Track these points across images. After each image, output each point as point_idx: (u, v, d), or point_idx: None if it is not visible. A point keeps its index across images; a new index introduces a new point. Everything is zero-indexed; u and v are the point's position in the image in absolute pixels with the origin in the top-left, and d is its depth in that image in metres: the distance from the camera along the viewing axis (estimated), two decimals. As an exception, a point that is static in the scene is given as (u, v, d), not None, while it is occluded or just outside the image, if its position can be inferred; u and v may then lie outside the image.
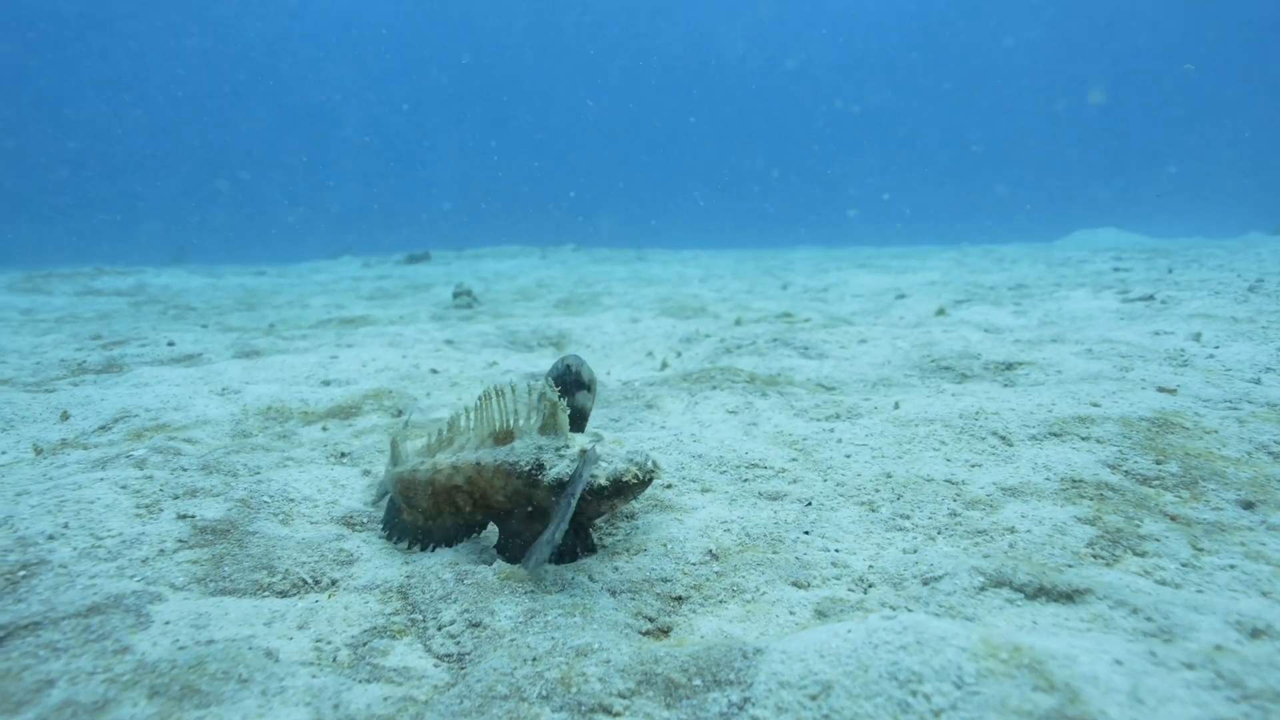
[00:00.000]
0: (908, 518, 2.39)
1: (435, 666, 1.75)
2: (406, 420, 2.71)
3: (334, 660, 1.77)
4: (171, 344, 5.94)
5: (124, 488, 2.63)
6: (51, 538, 2.24)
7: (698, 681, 1.56)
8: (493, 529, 2.33)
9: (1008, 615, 1.78)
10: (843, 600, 1.94)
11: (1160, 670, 1.44)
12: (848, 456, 2.93)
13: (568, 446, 2.11)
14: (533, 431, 2.16)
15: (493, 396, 2.22)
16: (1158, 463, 2.63)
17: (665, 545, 2.22)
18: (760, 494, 2.63)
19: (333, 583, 2.14)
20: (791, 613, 1.90)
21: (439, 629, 1.88)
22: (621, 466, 2.07)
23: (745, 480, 2.76)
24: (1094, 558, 2.07)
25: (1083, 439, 2.90)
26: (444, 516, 2.31)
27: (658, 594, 2.00)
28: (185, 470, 2.87)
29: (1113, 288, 7.68)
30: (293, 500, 2.65)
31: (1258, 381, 3.59)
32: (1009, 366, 4.24)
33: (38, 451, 3.27)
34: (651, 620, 1.90)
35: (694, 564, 2.13)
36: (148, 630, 1.83)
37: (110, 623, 1.84)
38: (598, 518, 2.26)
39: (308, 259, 23.72)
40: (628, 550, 2.21)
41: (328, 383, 4.56)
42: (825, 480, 2.71)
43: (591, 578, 2.07)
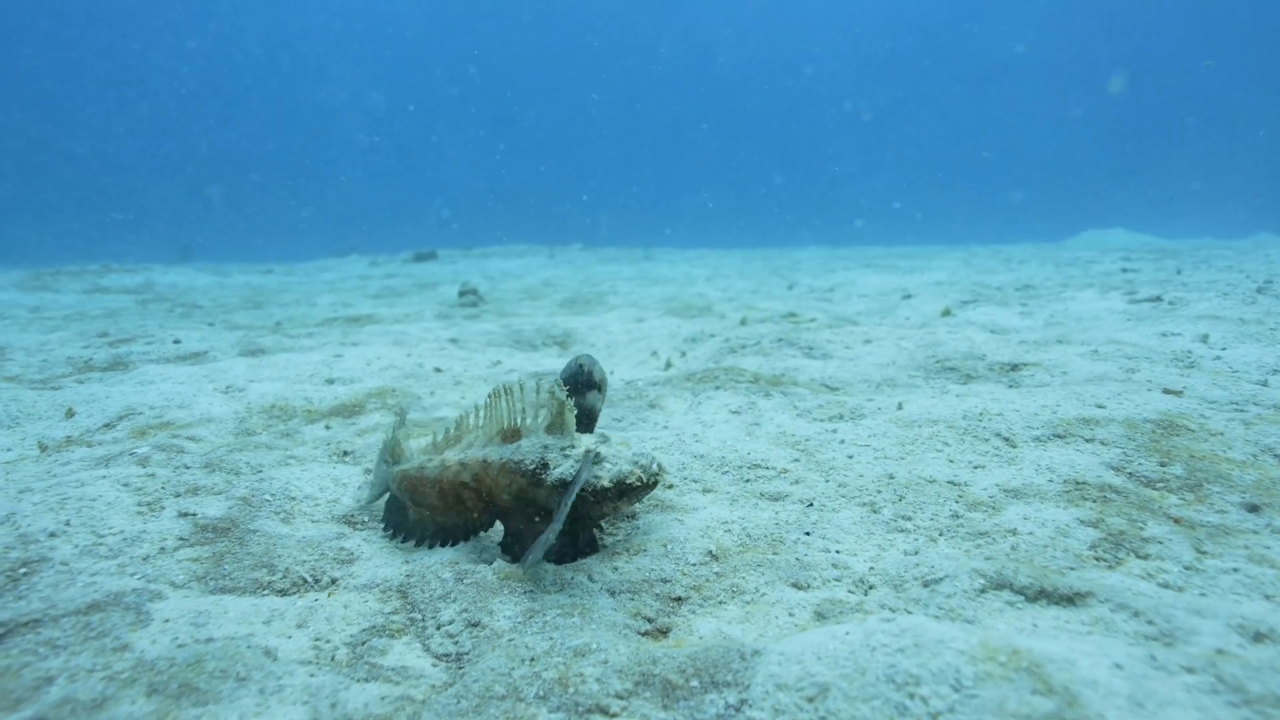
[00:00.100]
0: (909, 519, 2.38)
1: (433, 666, 1.75)
2: (400, 420, 2.70)
3: (332, 659, 1.77)
4: (177, 342, 5.96)
5: (126, 485, 2.63)
6: (53, 535, 2.25)
7: (695, 683, 1.55)
8: (499, 527, 2.33)
9: (1008, 618, 1.78)
10: (842, 602, 1.93)
11: (1160, 674, 1.43)
12: (850, 457, 2.92)
13: (573, 447, 2.10)
14: (540, 430, 2.15)
15: (501, 394, 2.21)
16: (1162, 465, 2.62)
17: (665, 546, 2.21)
18: (762, 494, 2.62)
19: (333, 581, 2.14)
20: (791, 614, 1.89)
21: (438, 628, 1.88)
22: (626, 469, 2.06)
23: (747, 481, 2.75)
24: (1096, 560, 2.06)
25: (1087, 441, 2.88)
26: (451, 514, 2.30)
27: (657, 594, 1.99)
28: (188, 468, 2.88)
29: (1120, 289, 7.65)
30: (294, 499, 2.65)
31: (1265, 383, 3.56)
32: (1014, 367, 4.22)
33: (42, 449, 3.28)
34: (650, 621, 1.89)
35: (694, 564, 2.12)
36: (147, 628, 1.83)
37: (110, 620, 1.84)
38: (601, 519, 2.25)
39: (315, 257, 23.81)
40: (628, 550, 2.20)
41: (332, 381, 4.57)
42: (827, 481, 2.70)
43: (591, 578, 2.07)
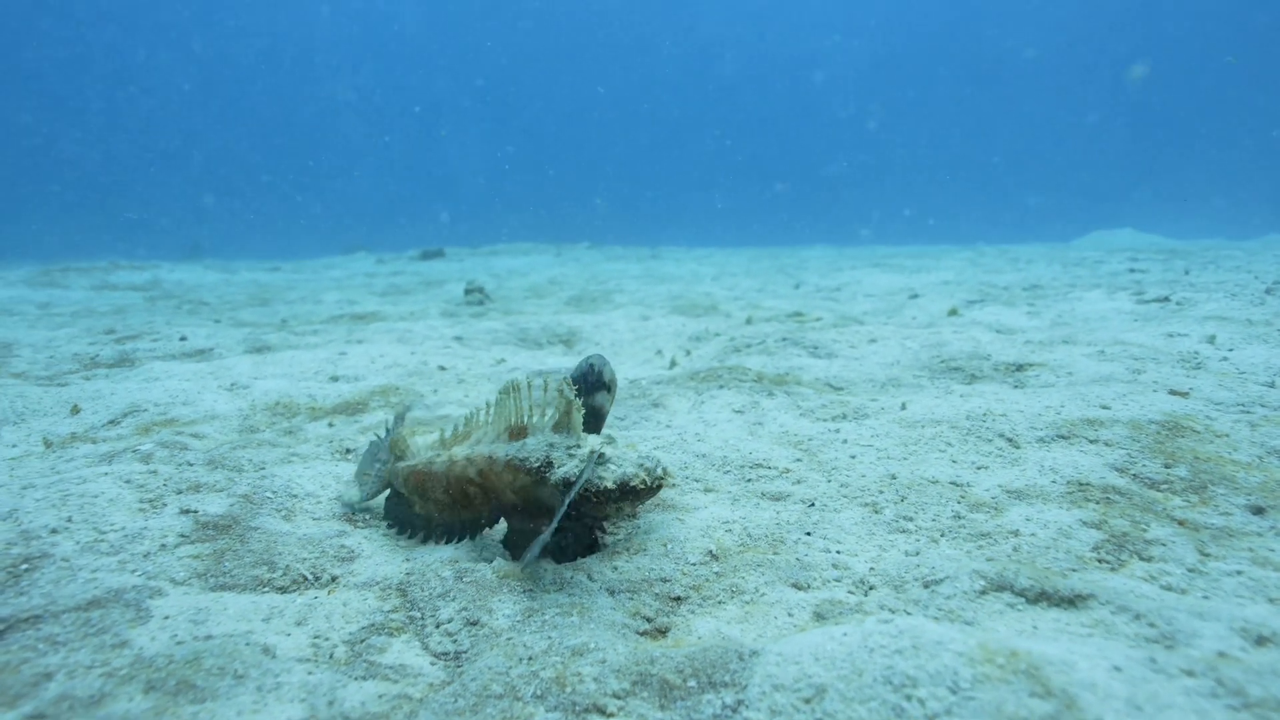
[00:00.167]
0: (911, 520, 2.37)
1: (432, 664, 1.75)
2: (397, 419, 2.70)
3: (331, 657, 1.77)
4: (183, 339, 5.98)
5: (128, 482, 2.64)
6: (54, 531, 2.26)
7: (693, 683, 1.55)
8: (503, 525, 2.34)
9: (1008, 620, 1.77)
10: (842, 603, 1.92)
11: (1160, 677, 1.42)
12: (853, 457, 2.91)
13: (579, 446, 2.10)
14: (546, 429, 2.15)
15: (510, 392, 2.21)
16: (1166, 466, 2.60)
17: (665, 545, 2.21)
18: (763, 494, 2.62)
19: (333, 579, 2.14)
20: (790, 614, 1.88)
21: (436, 627, 1.88)
22: (630, 471, 2.05)
23: (748, 480, 2.74)
24: (1099, 562, 2.05)
25: (1091, 442, 2.86)
26: (457, 509, 2.31)
27: (656, 594, 1.99)
28: (190, 465, 2.89)
29: (1128, 289, 7.61)
30: (296, 496, 2.65)
31: (1272, 385, 3.54)
32: (1019, 368, 4.21)
33: (47, 445, 3.29)
34: (649, 620, 1.89)
35: (694, 564, 2.12)
36: (146, 625, 1.83)
37: (110, 617, 1.85)
38: (604, 520, 2.25)
39: (322, 255, 23.88)
40: (628, 550, 2.20)
41: (336, 379, 4.58)
42: (829, 481, 2.69)
43: (590, 577, 2.06)
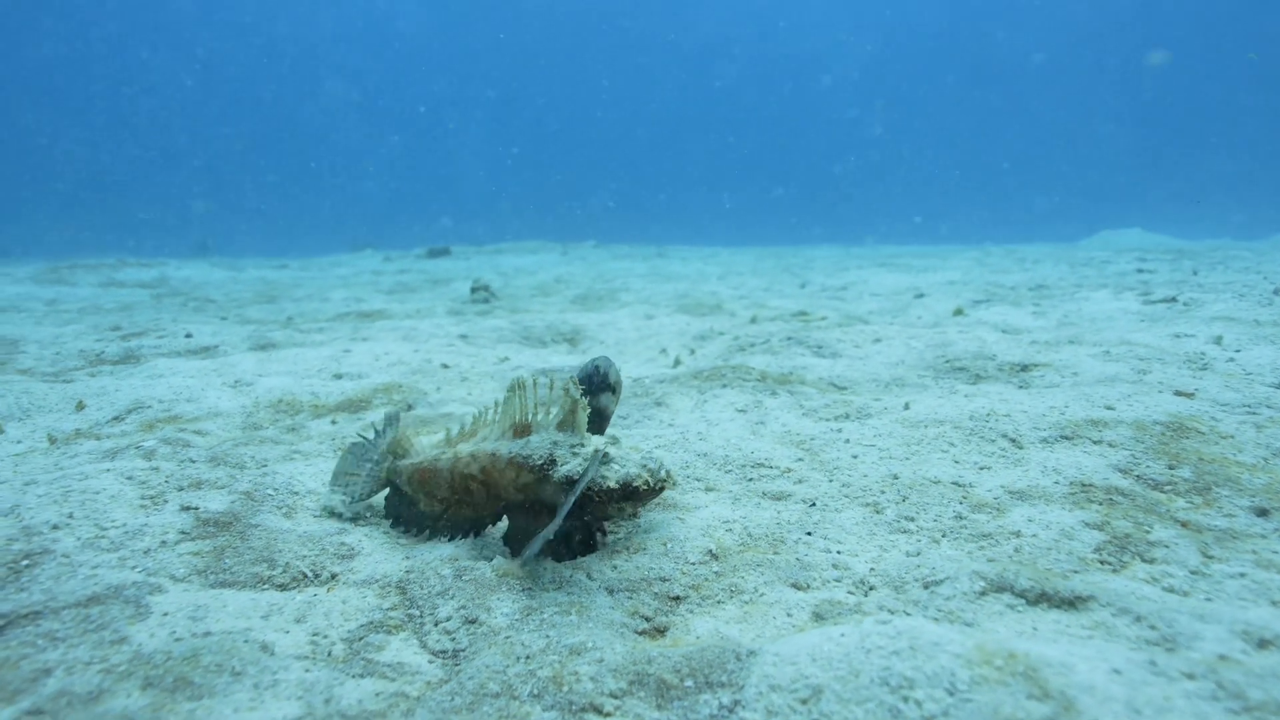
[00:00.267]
0: (912, 520, 2.36)
1: (429, 663, 1.75)
2: (379, 422, 2.70)
3: (329, 654, 1.77)
4: (189, 336, 5.99)
5: (130, 479, 2.65)
6: (56, 527, 2.26)
7: (690, 683, 1.54)
8: (504, 523, 2.34)
9: (1007, 621, 1.76)
10: (841, 603, 1.91)
11: (1160, 680, 1.41)
12: (855, 457, 2.90)
13: (583, 445, 2.10)
14: (550, 427, 2.16)
15: (516, 390, 2.22)
16: (1170, 468, 2.58)
17: (665, 544, 2.20)
18: (764, 494, 2.61)
19: (332, 576, 2.14)
20: (789, 615, 1.88)
21: (435, 625, 1.88)
22: (634, 471, 2.06)
23: (750, 480, 2.73)
24: (1100, 564, 2.04)
25: (1095, 442, 2.85)
26: (460, 507, 2.32)
27: (655, 593, 1.98)
28: (193, 462, 2.89)
29: (1135, 289, 7.57)
30: (297, 493, 2.66)
31: (1279, 386, 3.52)
32: (1024, 368, 4.19)
33: (52, 441, 3.30)
34: (648, 620, 1.89)
35: (693, 564, 2.11)
36: (146, 621, 1.84)
37: (109, 613, 1.85)
38: (606, 520, 2.26)
39: (330, 252, 23.92)
40: (627, 549, 2.19)
41: (339, 376, 4.58)
42: (831, 481, 2.69)
43: (589, 576, 2.06)
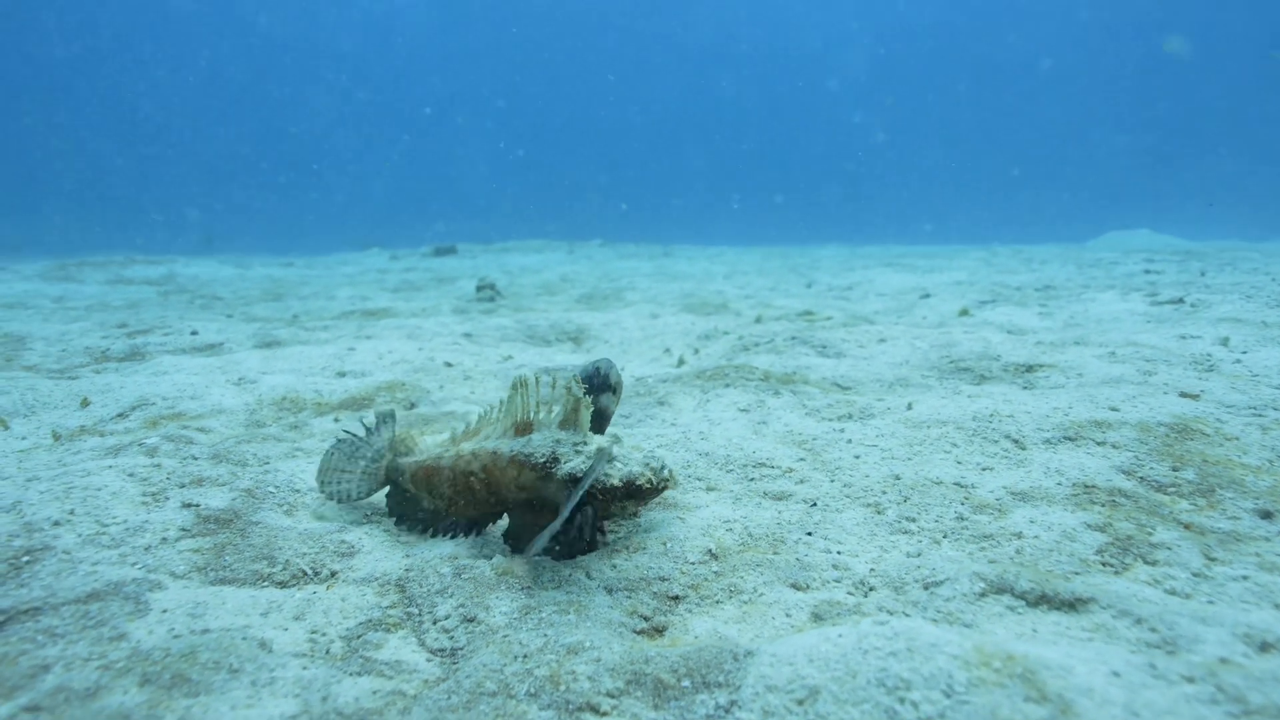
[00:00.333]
0: (914, 521, 2.36)
1: (427, 661, 1.75)
2: (372, 420, 2.70)
3: (327, 652, 1.77)
4: (195, 333, 6.01)
5: (132, 475, 2.65)
6: (57, 524, 2.27)
7: (687, 683, 1.54)
8: (504, 521, 2.34)
9: (1007, 623, 1.75)
10: (841, 604, 1.91)
11: (1159, 683, 1.40)
12: (857, 457, 2.89)
13: (585, 444, 2.10)
14: (552, 426, 2.16)
15: (519, 388, 2.22)
16: (1174, 469, 2.57)
17: (665, 544, 2.20)
18: (765, 493, 2.60)
19: (332, 574, 2.14)
20: (788, 615, 1.87)
21: (434, 623, 1.88)
22: (636, 470, 2.06)
23: (751, 479, 2.73)
24: (1102, 565, 2.03)
25: (1098, 444, 2.83)
26: (463, 504, 2.32)
27: (654, 593, 1.98)
28: (195, 459, 2.90)
29: (1142, 290, 7.54)
30: (298, 491, 2.66)
31: (1285, 388, 3.49)
32: (1029, 369, 4.17)
33: (56, 437, 3.32)
34: (646, 619, 1.88)
35: (693, 563, 2.11)
36: (145, 618, 1.84)
37: (109, 610, 1.86)
38: (608, 518, 2.26)
39: (336, 250, 23.95)
40: (627, 548, 2.19)
41: (343, 374, 4.59)
42: (832, 481, 2.68)
43: (589, 575, 2.06)
